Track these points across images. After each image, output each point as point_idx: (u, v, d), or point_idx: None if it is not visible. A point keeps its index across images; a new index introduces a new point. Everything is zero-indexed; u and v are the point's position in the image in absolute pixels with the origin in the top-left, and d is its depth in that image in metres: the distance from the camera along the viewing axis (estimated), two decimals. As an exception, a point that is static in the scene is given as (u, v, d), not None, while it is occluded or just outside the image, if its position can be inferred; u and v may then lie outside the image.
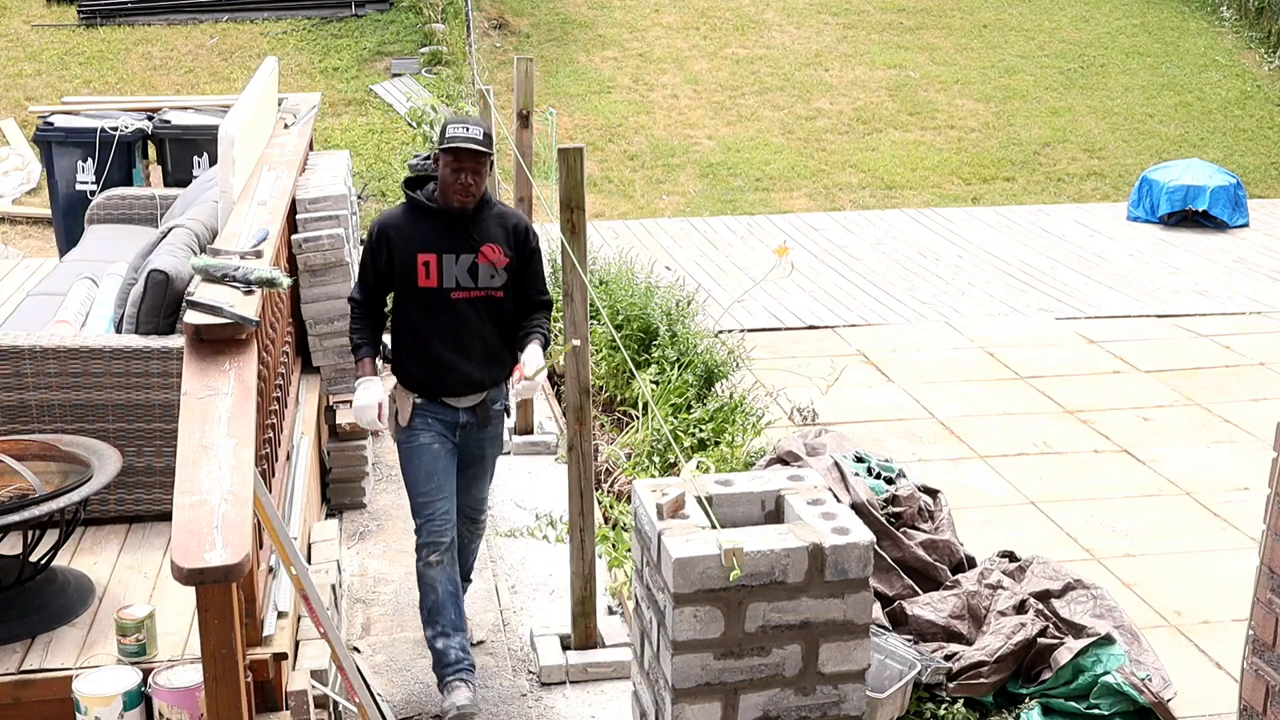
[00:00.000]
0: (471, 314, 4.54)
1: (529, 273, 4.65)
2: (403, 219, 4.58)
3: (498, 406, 4.73)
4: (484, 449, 4.80)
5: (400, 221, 4.58)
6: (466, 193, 4.46)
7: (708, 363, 6.97)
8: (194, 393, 3.63)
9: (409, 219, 4.57)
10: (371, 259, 4.59)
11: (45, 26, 14.01)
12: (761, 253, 10.14)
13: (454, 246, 4.51)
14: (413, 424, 4.61)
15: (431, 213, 4.55)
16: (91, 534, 4.52)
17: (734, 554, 2.43)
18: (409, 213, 4.59)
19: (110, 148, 8.18)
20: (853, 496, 5.11)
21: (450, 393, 4.59)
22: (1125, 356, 8.32)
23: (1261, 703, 3.32)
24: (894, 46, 15.05)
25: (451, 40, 13.89)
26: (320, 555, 4.93)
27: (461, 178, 4.44)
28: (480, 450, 4.79)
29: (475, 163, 4.45)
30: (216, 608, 3.06)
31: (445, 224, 4.52)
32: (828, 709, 2.57)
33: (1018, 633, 4.71)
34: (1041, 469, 6.71)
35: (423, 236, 4.52)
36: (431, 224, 4.54)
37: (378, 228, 4.59)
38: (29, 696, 3.72)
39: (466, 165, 4.43)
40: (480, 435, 4.72)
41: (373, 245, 4.58)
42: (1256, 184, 12.48)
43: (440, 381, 4.56)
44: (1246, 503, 6.25)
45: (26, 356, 4.50)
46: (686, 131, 13.15)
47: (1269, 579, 3.28)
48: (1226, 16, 15.90)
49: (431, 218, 4.54)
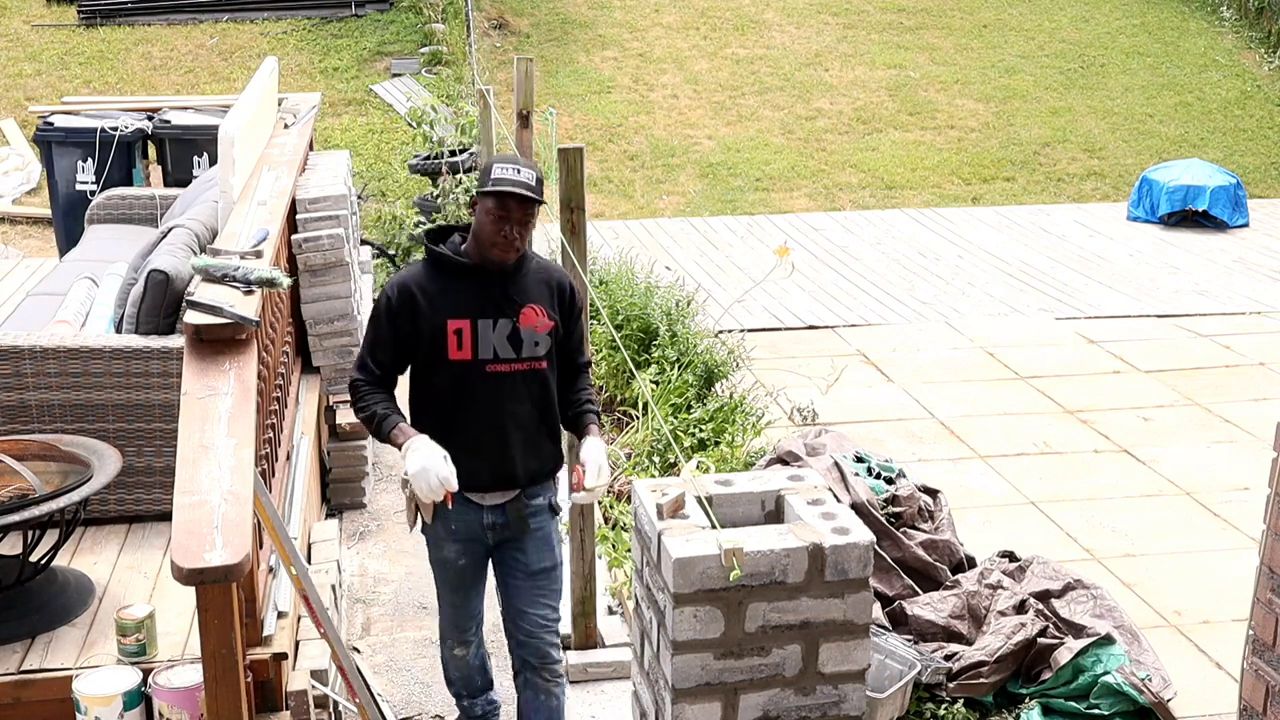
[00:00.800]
0: (509, 391, 3.81)
1: (574, 337, 3.99)
2: (426, 278, 3.81)
3: (539, 501, 3.93)
4: (526, 556, 3.94)
5: (424, 281, 3.80)
6: (510, 247, 3.74)
7: (708, 363, 6.97)
8: (194, 393, 3.63)
9: (433, 278, 3.81)
10: (390, 327, 3.80)
11: (45, 26, 14.01)
12: (761, 253, 10.13)
13: (491, 310, 3.77)
14: (435, 529, 3.91)
15: (462, 270, 3.80)
16: (91, 534, 4.52)
17: (734, 554, 2.43)
18: (432, 270, 3.83)
19: (110, 148, 8.18)
20: (853, 496, 5.11)
21: (476, 487, 3.82)
22: (1125, 356, 8.31)
23: (1261, 703, 3.32)
24: (894, 46, 15.05)
25: (451, 40, 13.89)
26: (320, 555, 4.93)
27: (505, 229, 3.71)
28: (521, 558, 3.95)
29: (523, 212, 3.73)
30: (216, 608, 3.06)
31: (479, 283, 3.79)
32: (828, 709, 2.57)
33: (1018, 633, 4.71)
34: (1041, 469, 6.71)
35: (452, 298, 3.76)
36: (462, 283, 3.79)
37: (398, 288, 3.79)
38: (29, 696, 3.72)
39: (514, 215, 3.71)
40: (521, 541, 3.93)
41: (392, 310, 3.78)
42: (1256, 184, 12.48)
43: (466, 474, 3.72)
44: (1246, 503, 6.24)
45: (26, 356, 4.50)
46: (686, 131, 13.15)
47: (1269, 579, 3.28)
48: (1226, 16, 15.90)
49: (462, 276, 3.80)
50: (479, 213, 3.75)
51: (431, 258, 3.85)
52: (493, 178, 3.72)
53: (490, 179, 3.72)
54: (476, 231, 3.77)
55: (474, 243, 3.79)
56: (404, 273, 3.86)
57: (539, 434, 3.87)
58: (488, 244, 3.74)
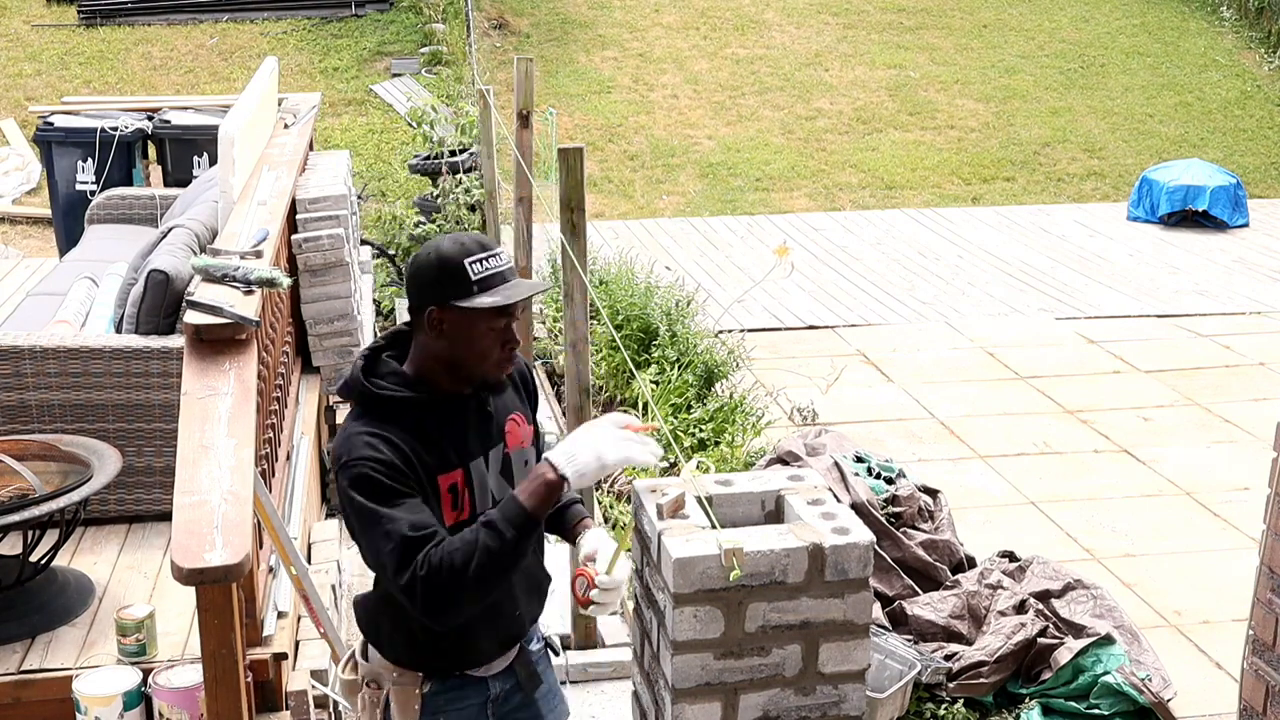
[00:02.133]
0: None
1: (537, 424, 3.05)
2: (395, 430, 2.65)
3: (537, 646, 3.02)
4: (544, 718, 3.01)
5: (395, 435, 2.64)
6: (513, 358, 2.80)
7: (708, 363, 6.97)
8: (194, 393, 3.62)
9: (398, 427, 2.66)
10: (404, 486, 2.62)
11: (45, 26, 14.00)
12: (761, 253, 10.13)
13: (478, 445, 2.79)
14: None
15: (428, 409, 2.72)
16: (91, 534, 4.51)
17: (734, 554, 2.42)
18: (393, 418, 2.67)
19: (110, 148, 8.18)
20: (853, 496, 5.11)
21: (479, 661, 2.86)
22: (1125, 356, 8.32)
23: (1261, 703, 3.32)
24: (894, 46, 15.05)
25: (451, 40, 13.89)
26: (320, 555, 4.93)
27: (510, 339, 2.73)
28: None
29: (520, 310, 2.92)
30: (216, 608, 3.06)
31: (455, 414, 2.76)
32: (828, 709, 2.57)
33: (1018, 633, 4.71)
34: (1041, 469, 6.71)
35: (434, 447, 2.70)
36: (438, 422, 2.73)
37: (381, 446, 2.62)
38: (29, 696, 3.72)
39: (514, 317, 2.74)
40: (532, 706, 2.98)
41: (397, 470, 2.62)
42: (1256, 184, 12.48)
43: (469, 648, 2.83)
44: (1246, 503, 6.24)
45: (26, 356, 4.50)
46: (686, 131, 13.15)
47: (1269, 579, 3.28)
48: (1226, 16, 15.90)
49: (433, 413, 2.73)
50: (459, 330, 2.67)
51: (384, 408, 2.69)
52: (477, 279, 2.64)
53: (473, 283, 2.63)
54: (458, 354, 2.70)
55: (441, 365, 2.72)
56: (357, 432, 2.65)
57: (537, 565, 2.97)
58: (483, 364, 2.72)
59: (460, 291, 2.63)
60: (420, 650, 2.79)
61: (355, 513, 2.62)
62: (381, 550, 2.56)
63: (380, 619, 2.83)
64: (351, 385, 2.74)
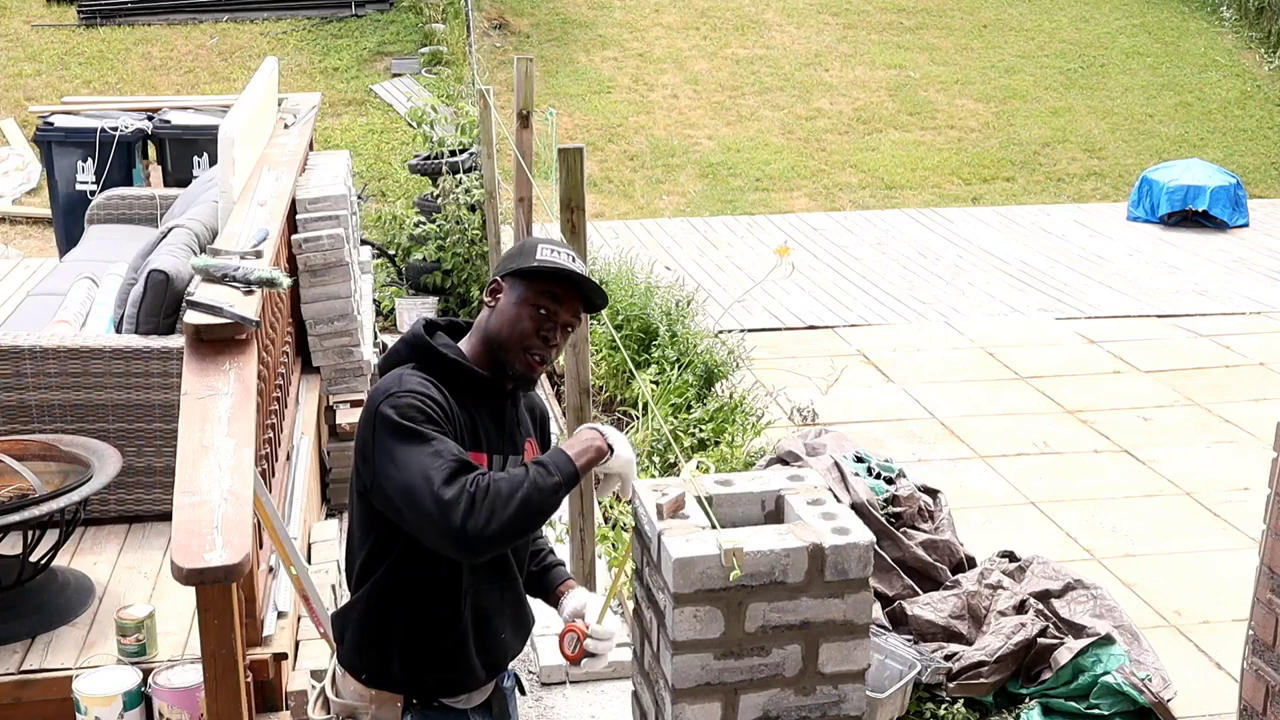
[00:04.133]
0: (513, 551, 2.86)
1: None
2: (446, 389, 2.69)
3: (508, 684, 2.99)
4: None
5: (446, 391, 2.68)
6: (546, 355, 2.76)
7: (708, 363, 6.97)
8: (194, 393, 3.62)
9: (451, 391, 2.70)
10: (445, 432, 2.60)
11: (45, 26, 14.00)
12: (761, 253, 10.14)
13: (506, 444, 2.80)
14: None
15: (478, 385, 2.75)
16: (91, 534, 4.51)
17: (734, 554, 2.42)
18: (446, 378, 2.71)
19: (110, 148, 8.18)
20: (853, 496, 5.11)
21: (466, 687, 2.82)
22: (1125, 356, 8.32)
23: (1261, 703, 3.32)
24: (894, 46, 15.05)
25: (451, 40, 13.89)
26: (320, 555, 4.93)
27: (549, 329, 2.73)
28: None
29: (573, 311, 2.77)
30: (216, 608, 3.06)
31: (494, 405, 2.79)
32: (828, 709, 2.57)
33: (1018, 633, 4.71)
34: (1041, 469, 6.71)
35: (470, 425, 2.71)
36: (477, 403, 2.75)
37: (423, 386, 2.64)
38: (29, 696, 3.72)
39: (563, 310, 2.75)
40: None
41: (446, 416, 2.63)
42: (1256, 184, 12.48)
43: (463, 671, 2.80)
44: (1246, 503, 6.25)
45: (26, 356, 4.50)
46: (686, 131, 13.15)
47: (1269, 579, 3.28)
48: (1226, 16, 15.90)
49: (477, 393, 2.75)
50: (509, 303, 2.73)
51: (442, 364, 2.71)
52: (538, 258, 2.72)
53: (534, 258, 2.72)
54: (499, 330, 2.73)
55: (485, 347, 2.75)
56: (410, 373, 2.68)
57: (525, 604, 2.95)
58: (518, 346, 2.72)
59: (523, 263, 2.74)
60: (405, 679, 2.75)
61: (398, 435, 2.55)
62: (429, 466, 2.50)
63: (383, 637, 2.74)
64: (411, 343, 2.74)
